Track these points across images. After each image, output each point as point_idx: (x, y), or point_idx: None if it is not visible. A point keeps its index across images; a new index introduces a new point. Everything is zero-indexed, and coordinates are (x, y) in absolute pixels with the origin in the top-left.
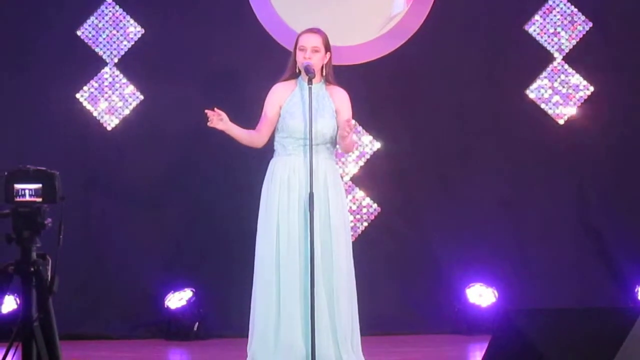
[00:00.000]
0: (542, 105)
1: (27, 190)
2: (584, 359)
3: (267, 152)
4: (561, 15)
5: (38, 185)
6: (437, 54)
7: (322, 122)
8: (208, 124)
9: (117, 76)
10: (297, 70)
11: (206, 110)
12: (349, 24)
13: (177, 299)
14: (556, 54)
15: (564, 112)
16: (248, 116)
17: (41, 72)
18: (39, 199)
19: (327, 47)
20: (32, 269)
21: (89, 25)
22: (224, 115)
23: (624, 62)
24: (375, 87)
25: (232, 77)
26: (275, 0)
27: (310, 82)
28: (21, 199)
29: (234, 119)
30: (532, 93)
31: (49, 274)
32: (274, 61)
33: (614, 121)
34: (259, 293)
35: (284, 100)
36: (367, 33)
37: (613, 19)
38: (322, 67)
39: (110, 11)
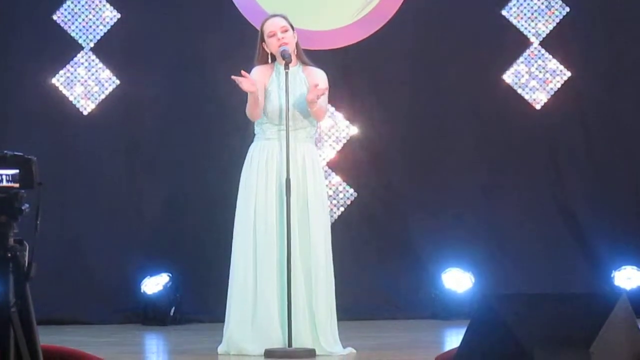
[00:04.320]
0: (519, 90)
1: (4, 175)
2: (562, 344)
3: (246, 136)
4: None
5: (15, 171)
6: (413, 39)
7: (301, 106)
8: (245, 87)
9: (93, 61)
10: (270, 59)
11: (236, 77)
12: (326, 9)
13: (154, 284)
14: (533, 39)
15: (541, 97)
16: (223, 100)
17: (17, 56)
18: (16, 185)
19: (292, 27)
20: (9, 255)
21: (65, 10)
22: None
23: (601, 47)
24: (351, 72)
25: (208, 61)
26: None
27: (287, 66)
28: None
29: (209, 101)
30: (508, 78)
31: (26, 259)
32: (251, 47)
33: (590, 106)
34: (235, 277)
35: (264, 82)
36: (344, 18)
37: (590, 4)
38: (295, 48)
39: None
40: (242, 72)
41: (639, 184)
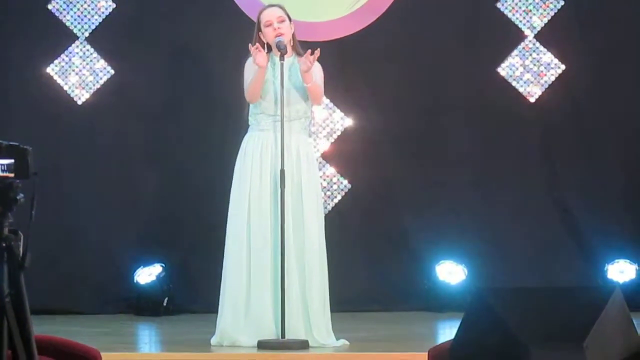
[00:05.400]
0: (513, 83)
1: None
2: (557, 338)
3: (241, 127)
4: None
5: (10, 161)
6: (409, 31)
7: (296, 98)
8: (258, 59)
9: (87, 50)
10: (266, 49)
11: (252, 48)
12: (321, 0)
13: (147, 274)
14: (528, 32)
15: (535, 90)
16: (218, 90)
17: (11, 46)
18: (11, 175)
19: (289, 17)
20: (3, 245)
21: None
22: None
23: (595, 41)
24: (346, 64)
25: (203, 51)
26: None
27: (282, 57)
28: None
29: (203, 92)
30: (503, 71)
31: (21, 249)
32: (246, 37)
33: (585, 100)
34: (229, 269)
35: None
36: (339, 9)
37: None
38: (291, 39)
39: None
40: (257, 45)
41: (632, 177)
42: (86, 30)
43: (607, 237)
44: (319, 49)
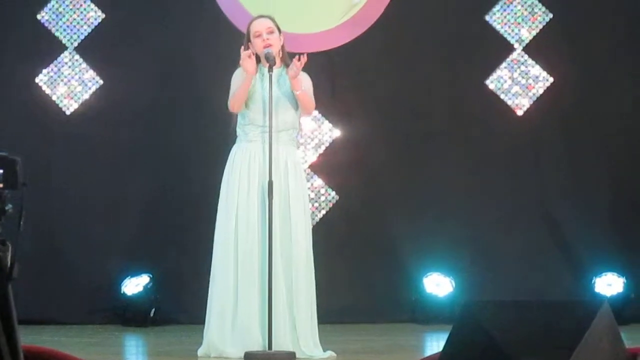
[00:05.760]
0: (502, 96)
1: None
2: (545, 352)
3: (229, 137)
4: (522, 5)
5: None
6: (397, 43)
7: (284, 109)
8: (247, 65)
9: (76, 61)
10: (256, 60)
11: (244, 53)
12: (310, 12)
13: (134, 285)
14: (516, 45)
15: (523, 102)
16: (208, 101)
17: (0, 56)
18: (0, 185)
19: (279, 29)
20: None
21: (50, 9)
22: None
23: (584, 54)
24: (335, 76)
25: (191, 62)
26: None
27: (270, 69)
28: None
29: (192, 103)
30: (491, 83)
31: (9, 260)
32: (234, 47)
33: (573, 112)
34: (216, 280)
35: None
36: (329, 21)
37: (573, 11)
38: (280, 50)
39: None
40: (249, 51)
41: (620, 190)
42: (75, 40)
43: (595, 250)
44: (305, 55)
